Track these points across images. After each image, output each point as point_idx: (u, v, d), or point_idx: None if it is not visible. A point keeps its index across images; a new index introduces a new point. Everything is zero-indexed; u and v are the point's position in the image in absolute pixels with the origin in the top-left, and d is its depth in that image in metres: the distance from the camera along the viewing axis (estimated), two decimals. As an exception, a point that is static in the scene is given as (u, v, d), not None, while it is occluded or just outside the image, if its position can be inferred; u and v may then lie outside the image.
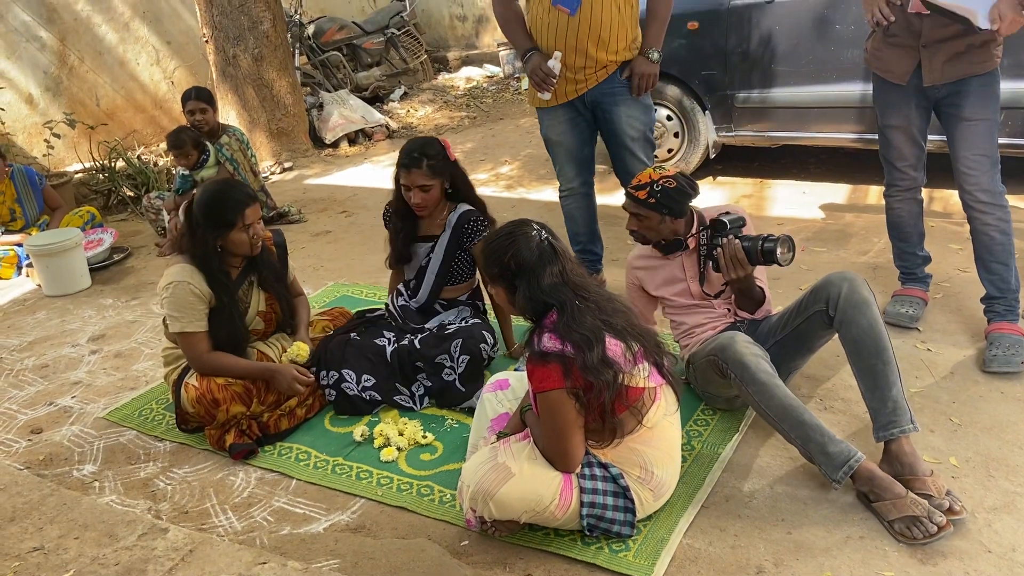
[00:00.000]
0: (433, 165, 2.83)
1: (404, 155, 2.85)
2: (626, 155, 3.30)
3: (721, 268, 2.45)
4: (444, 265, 2.99)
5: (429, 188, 2.85)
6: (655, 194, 2.48)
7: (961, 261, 3.48)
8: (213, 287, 2.66)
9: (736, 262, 2.40)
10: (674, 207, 2.50)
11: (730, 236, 2.43)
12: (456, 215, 2.96)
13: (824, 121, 4.49)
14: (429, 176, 2.83)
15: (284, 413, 2.77)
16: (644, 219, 2.55)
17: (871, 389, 2.24)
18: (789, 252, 2.41)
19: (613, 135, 3.29)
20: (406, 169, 2.84)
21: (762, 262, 2.41)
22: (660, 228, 2.55)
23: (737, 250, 2.39)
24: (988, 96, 2.69)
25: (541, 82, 3.15)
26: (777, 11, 4.38)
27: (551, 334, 1.95)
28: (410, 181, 2.84)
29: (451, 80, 9.38)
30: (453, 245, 2.97)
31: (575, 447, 2.02)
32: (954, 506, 2.04)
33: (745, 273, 2.41)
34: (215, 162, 4.87)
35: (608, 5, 3.06)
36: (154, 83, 7.44)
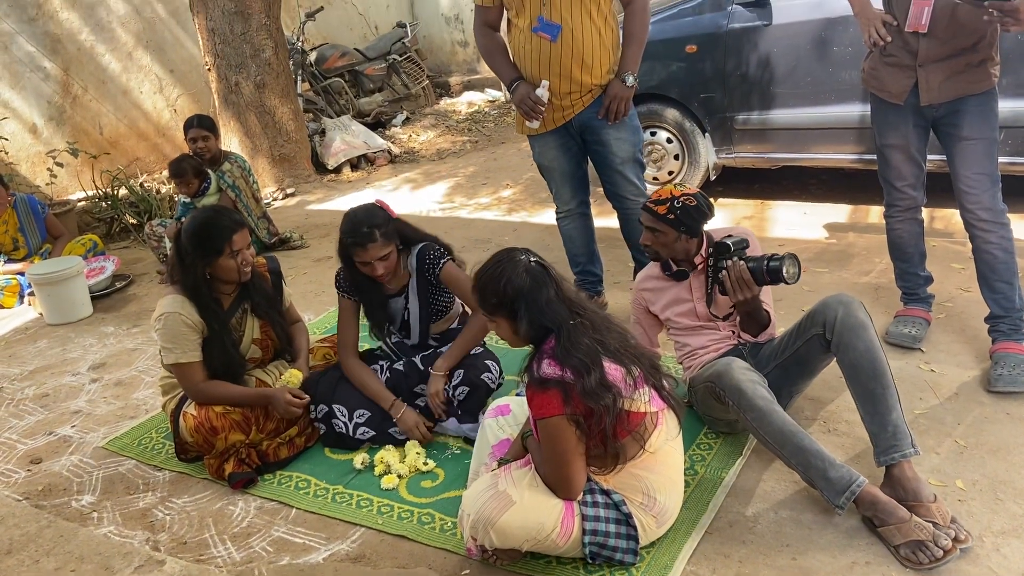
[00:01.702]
0: (384, 232, 2.68)
1: (351, 233, 2.68)
2: (617, 177, 3.31)
3: (728, 291, 2.44)
4: (424, 308, 2.91)
5: (388, 256, 2.71)
6: (675, 210, 2.48)
7: (964, 281, 3.47)
8: (205, 316, 2.65)
9: (742, 283, 2.39)
10: (691, 225, 2.50)
11: (735, 258, 2.42)
12: (414, 257, 2.87)
13: (823, 142, 4.49)
14: (384, 244, 2.68)
15: (284, 441, 2.75)
16: (660, 234, 2.53)
17: (870, 413, 2.22)
18: (795, 270, 2.40)
19: (603, 158, 3.30)
20: (361, 247, 2.66)
21: (768, 282, 2.40)
22: (674, 245, 2.54)
23: (743, 271, 2.38)
24: (986, 115, 2.69)
25: (530, 111, 3.17)
26: (774, 34, 4.40)
27: (550, 359, 1.94)
28: (369, 256, 2.68)
29: (453, 105, 9.44)
30: (423, 286, 2.88)
31: (577, 474, 2.00)
32: (959, 534, 2.01)
33: (752, 294, 2.40)
34: (216, 189, 4.89)
35: (588, 29, 3.08)
36: (157, 111, 7.49)
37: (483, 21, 3.33)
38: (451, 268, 2.84)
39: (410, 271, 2.88)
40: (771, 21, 4.40)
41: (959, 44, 2.63)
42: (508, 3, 3.20)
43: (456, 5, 9.95)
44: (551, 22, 3.07)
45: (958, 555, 1.96)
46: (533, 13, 3.09)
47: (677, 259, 2.63)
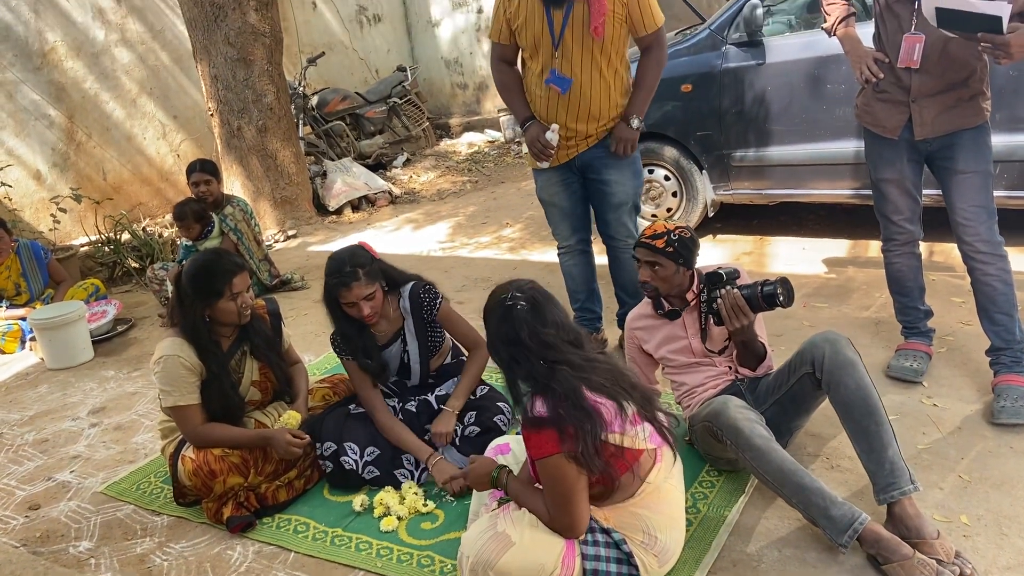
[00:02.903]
0: (368, 271, 2.69)
1: (334, 274, 2.68)
2: (612, 218, 3.33)
3: (724, 319, 2.44)
4: (423, 348, 2.90)
5: (373, 295, 2.71)
6: (672, 243, 2.50)
7: (964, 314, 3.46)
8: (204, 359, 2.65)
9: (737, 311, 2.40)
10: (688, 257, 2.53)
11: (728, 287, 2.44)
12: (406, 299, 2.87)
13: (820, 178, 4.52)
14: (369, 283, 2.68)
15: (282, 484, 2.73)
16: (660, 268, 2.54)
17: (867, 451, 2.21)
18: (788, 293, 2.40)
19: (602, 198, 3.33)
20: (345, 287, 2.66)
21: (764, 307, 2.41)
22: (673, 279, 2.55)
23: (737, 298, 2.39)
24: (980, 148, 2.71)
25: (539, 153, 3.21)
26: (768, 72, 4.46)
27: (541, 399, 1.93)
28: (353, 296, 2.67)
29: (453, 146, 9.53)
30: (421, 326, 2.87)
31: (581, 512, 1.98)
32: (964, 570, 1.98)
33: (748, 321, 2.41)
34: (219, 232, 4.93)
35: (598, 84, 3.13)
36: (160, 156, 7.58)
37: (499, 56, 3.35)
38: (447, 308, 2.87)
39: (403, 313, 2.87)
40: (764, 60, 4.46)
41: (951, 79, 2.66)
42: (523, 45, 3.24)
43: (456, 49, 10.11)
44: (563, 75, 3.12)
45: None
46: (546, 63, 3.14)
47: (671, 295, 2.63)
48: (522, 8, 3.12)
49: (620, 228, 3.33)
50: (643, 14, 3.09)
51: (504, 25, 3.22)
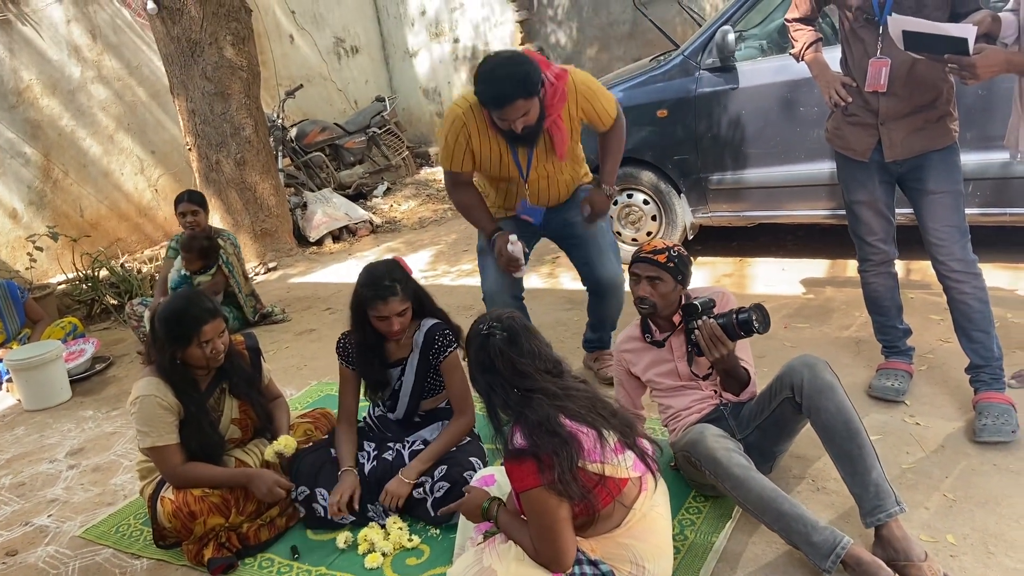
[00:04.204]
0: (404, 288, 2.67)
1: (373, 286, 2.64)
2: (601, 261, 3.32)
3: (704, 350, 2.44)
4: (417, 385, 2.85)
5: (405, 312, 2.69)
6: (673, 259, 2.52)
7: (943, 332, 3.48)
8: (181, 398, 2.62)
9: (716, 340, 2.39)
10: (685, 274, 2.55)
11: (704, 317, 2.44)
12: (422, 333, 2.81)
13: (797, 199, 4.56)
14: (404, 300, 2.66)
15: (264, 523, 2.69)
16: (660, 283, 2.54)
17: (851, 475, 2.21)
18: (763, 319, 2.40)
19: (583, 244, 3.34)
20: (383, 300, 2.62)
21: (740, 335, 2.41)
22: (670, 295, 2.56)
23: (714, 328, 2.39)
24: (950, 168, 2.75)
25: (507, 265, 3.15)
26: (742, 96, 4.51)
27: (520, 429, 1.92)
28: (388, 311, 2.63)
29: (433, 174, 9.55)
30: (424, 365, 2.83)
31: (566, 544, 1.95)
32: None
33: (728, 350, 2.40)
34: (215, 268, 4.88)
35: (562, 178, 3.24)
36: (138, 192, 7.54)
37: (454, 181, 3.24)
38: (454, 359, 2.80)
39: (414, 346, 2.82)
40: (738, 84, 4.51)
41: (918, 101, 2.70)
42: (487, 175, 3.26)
43: (434, 78, 10.17)
44: (534, 207, 3.21)
45: None
46: (512, 190, 3.22)
47: (661, 317, 2.63)
48: (483, 145, 3.07)
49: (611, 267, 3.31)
50: (599, 116, 3.13)
51: (467, 157, 3.10)
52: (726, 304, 2.60)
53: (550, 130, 3.00)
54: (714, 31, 4.49)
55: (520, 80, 2.78)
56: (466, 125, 3.04)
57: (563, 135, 3.02)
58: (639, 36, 8.28)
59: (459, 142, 3.07)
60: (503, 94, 2.79)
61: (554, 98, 2.93)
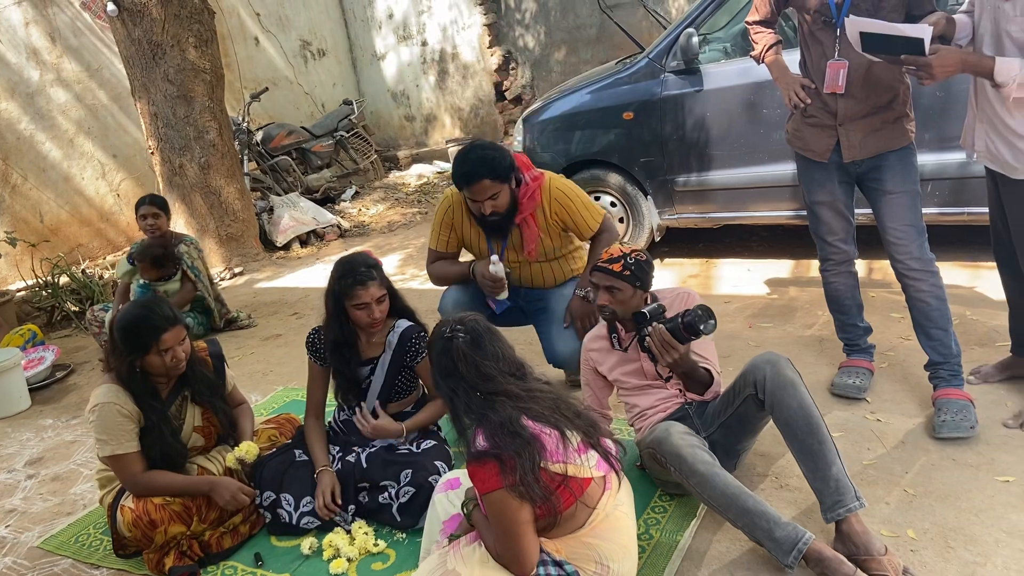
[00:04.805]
0: (381, 276, 2.73)
1: (351, 273, 2.68)
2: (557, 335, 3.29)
3: (657, 357, 2.45)
4: (386, 386, 2.85)
5: (383, 299, 2.72)
6: (629, 266, 2.50)
7: (903, 330, 3.53)
8: (141, 407, 2.57)
9: (666, 346, 2.40)
10: (644, 280, 2.53)
11: (654, 324, 2.44)
12: (396, 334, 2.82)
13: (761, 200, 4.61)
14: (382, 286, 2.71)
15: (227, 530, 2.65)
16: (618, 292, 2.53)
17: (812, 470, 2.23)
18: (708, 318, 2.39)
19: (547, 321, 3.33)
20: (362, 285, 2.65)
21: (688, 337, 2.41)
22: (630, 302, 2.55)
23: (663, 334, 2.39)
24: (907, 168, 2.79)
25: (492, 289, 3.18)
26: (706, 99, 4.55)
27: (482, 432, 1.91)
28: (369, 296, 2.66)
29: (402, 178, 9.52)
30: (395, 366, 2.83)
31: (529, 547, 1.95)
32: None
33: (679, 354, 2.41)
34: (179, 274, 4.81)
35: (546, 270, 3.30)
36: (100, 196, 7.42)
37: (434, 259, 3.39)
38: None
39: (387, 346, 2.82)
40: (702, 87, 4.55)
41: (875, 102, 2.74)
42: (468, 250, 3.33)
43: (402, 81, 10.14)
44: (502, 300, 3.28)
45: None
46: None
47: (626, 319, 2.64)
48: (465, 227, 3.26)
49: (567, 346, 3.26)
50: (579, 226, 3.20)
51: (451, 237, 3.30)
52: (688, 305, 2.61)
53: (521, 227, 3.15)
54: (678, 34, 4.53)
55: (489, 162, 2.97)
56: (452, 207, 3.27)
57: (533, 234, 3.16)
58: (606, 39, 8.33)
59: (445, 222, 3.30)
60: (472, 172, 2.98)
61: (525, 196, 3.11)
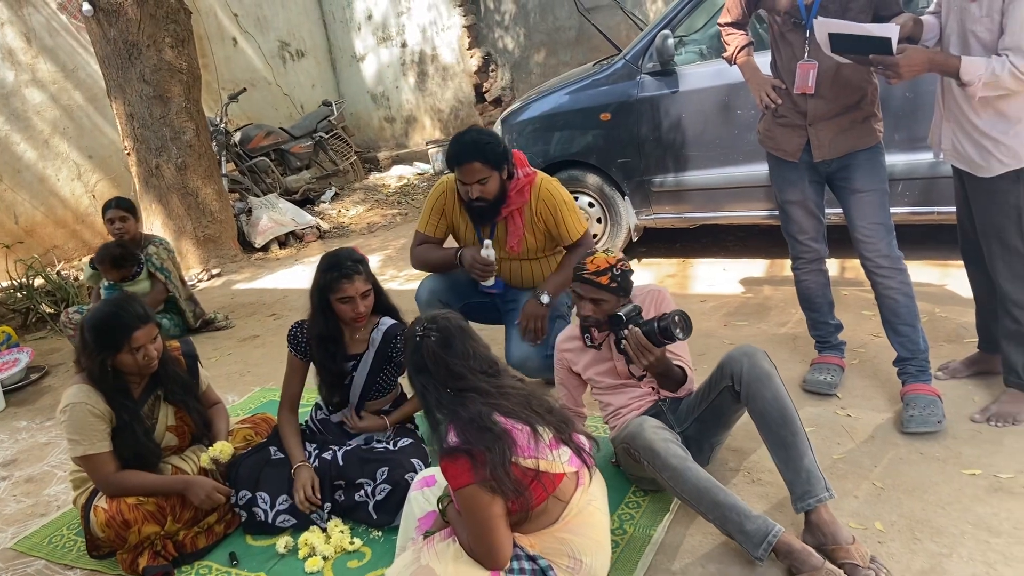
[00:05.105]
0: (367, 270, 2.75)
1: (337, 267, 2.68)
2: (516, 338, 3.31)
3: (632, 359, 2.47)
4: (369, 383, 2.86)
5: (369, 294, 2.72)
6: (616, 278, 2.50)
7: (874, 327, 3.58)
8: (113, 406, 2.56)
9: (642, 349, 2.42)
10: (628, 289, 2.55)
11: (630, 327, 2.46)
12: (380, 332, 2.83)
13: (736, 201, 4.66)
14: (367, 280, 2.71)
15: (202, 530, 2.64)
16: (604, 303, 2.53)
17: (784, 461, 2.27)
18: (683, 324, 2.42)
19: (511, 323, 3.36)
20: (348, 279, 2.66)
21: (663, 341, 2.44)
22: (613, 309, 2.56)
23: (639, 337, 2.41)
24: (875, 168, 2.84)
25: (482, 272, 3.19)
26: (682, 100, 4.59)
27: (454, 428, 1.93)
28: (355, 289, 2.67)
29: (382, 179, 9.51)
30: (379, 362, 2.85)
31: (502, 542, 1.96)
32: (879, 574, 2.05)
33: (655, 357, 2.43)
34: (147, 275, 4.78)
35: (529, 269, 3.34)
36: (75, 197, 7.37)
37: (419, 242, 3.42)
38: None
39: (371, 343, 2.84)
40: (678, 88, 4.59)
41: (844, 102, 2.79)
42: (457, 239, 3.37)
43: (382, 83, 10.13)
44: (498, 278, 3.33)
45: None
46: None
47: (602, 321, 2.65)
48: (455, 213, 3.32)
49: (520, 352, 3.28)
50: (560, 232, 3.24)
51: (441, 222, 3.35)
52: (661, 304, 2.64)
53: (506, 220, 3.21)
54: (654, 36, 4.57)
55: (482, 146, 3.04)
56: (445, 193, 3.32)
57: (517, 229, 3.22)
58: (585, 41, 8.37)
59: (436, 207, 3.35)
60: (463, 152, 3.05)
61: (515, 190, 3.16)
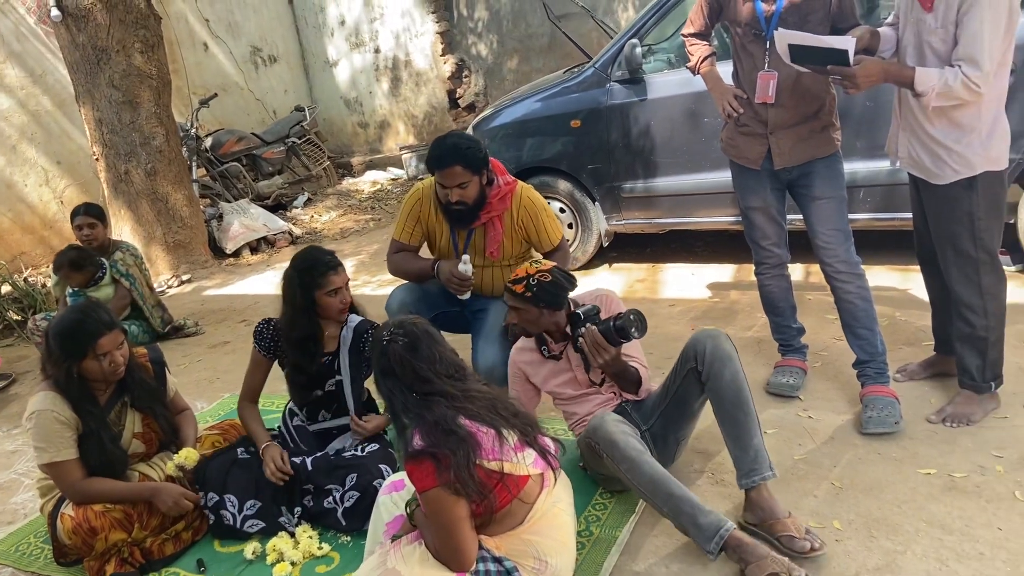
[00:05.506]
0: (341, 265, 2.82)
1: (320, 262, 2.75)
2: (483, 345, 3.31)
3: (588, 358, 2.52)
4: (356, 380, 2.90)
5: (348, 288, 2.82)
6: (531, 288, 2.54)
7: (836, 330, 3.64)
8: (79, 413, 2.55)
9: (598, 348, 2.47)
10: (551, 300, 2.56)
11: (587, 325, 2.50)
12: (350, 329, 2.88)
13: (704, 206, 4.73)
14: (345, 274, 2.80)
15: (169, 537, 2.64)
16: (523, 311, 2.59)
17: (734, 439, 2.37)
18: (639, 323, 2.47)
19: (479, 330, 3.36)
20: (334, 270, 2.74)
21: (619, 340, 2.48)
22: (540, 321, 2.61)
23: (596, 335, 2.46)
24: (834, 175, 2.91)
25: (459, 287, 3.21)
26: (650, 107, 4.66)
27: (419, 431, 1.95)
28: (342, 280, 2.76)
29: (356, 184, 9.50)
30: (356, 360, 2.89)
31: (466, 544, 1.99)
32: (814, 544, 2.20)
33: (611, 356, 2.48)
34: (111, 280, 4.76)
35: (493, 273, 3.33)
36: (43, 203, 7.29)
37: (395, 250, 3.44)
38: None
39: (341, 342, 2.88)
40: (647, 96, 4.66)
41: (803, 112, 2.86)
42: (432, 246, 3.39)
43: (355, 88, 10.13)
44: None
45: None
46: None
47: (550, 333, 2.69)
48: (431, 220, 3.32)
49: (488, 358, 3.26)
50: (540, 238, 3.28)
51: (416, 228, 3.35)
52: (610, 306, 2.69)
53: (486, 227, 3.23)
54: (623, 44, 4.63)
55: (463, 150, 3.05)
56: (421, 200, 3.33)
57: (497, 236, 3.23)
58: (558, 48, 8.44)
59: (412, 214, 3.35)
60: (445, 156, 3.05)
61: (496, 197, 3.18)
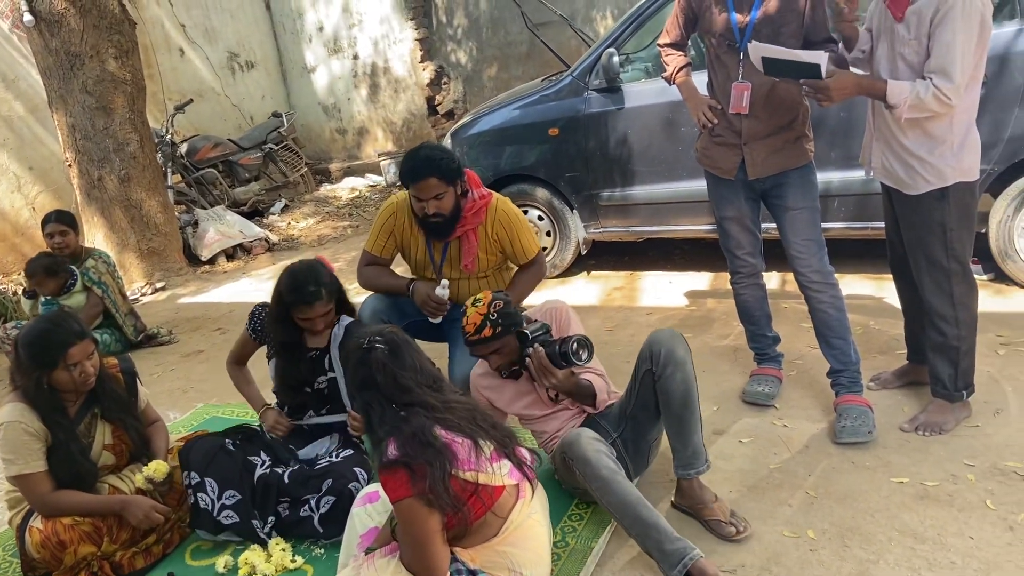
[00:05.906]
0: (329, 290, 2.78)
1: (298, 292, 2.72)
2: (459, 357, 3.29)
3: (536, 378, 2.52)
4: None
5: (329, 312, 2.81)
6: (496, 323, 2.52)
7: (811, 339, 3.63)
8: (48, 425, 2.51)
9: (544, 370, 2.47)
10: (514, 322, 2.56)
11: (535, 345, 2.49)
12: (342, 327, 2.90)
13: (681, 215, 4.75)
14: (328, 302, 2.78)
15: (139, 550, 2.60)
16: (504, 347, 2.57)
17: (676, 434, 2.44)
18: (584, 351, 2.48)
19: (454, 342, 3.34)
20: (308, 305, 2.72)
21: (563, 365, 2.48)
22: (516, 347, 2.59)
23: (542, 358, 2.46)
24: (807, 186, 2.94)
25: (434, 311, 3.20)
26: (628, 116, 4.68)
27: (394, 441, 1.94)
28: (314, 314, 2.75)
29: (334, 191, 9.46)
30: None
31: (438, 556, 1.97)
32: (738, 526, 2.36)
33: (556, 379, 2.48)
34: (83, 287, 4.70)
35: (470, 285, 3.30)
36: (15, 210, 7.19)
37: (367, 263, 3.41)
38: None
39: (332, 339, 2.89)
40: (624, 105, 4.67)
41: (777, 123, 2.88)
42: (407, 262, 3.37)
43: (333, 95, 10.09)
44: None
45: None
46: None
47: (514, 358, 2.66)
48: (406, 233, 3.31)
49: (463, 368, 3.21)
50: (515, 250, 3.30)
51: (390, 241, 3.33)
52: (560, 320, 2.71)
53: (461, 240, 3.23)
54: (600, 53, 4.65)
55: (437, 161, 3.05)
56: (396, 214, 3.31)
57: (472, 248, 3.23)
58: (537, 56, 8.46)
59: (386, 227, 3.33)
60: (419, 168, 3.05)
61: (471, 211, 3.18)
